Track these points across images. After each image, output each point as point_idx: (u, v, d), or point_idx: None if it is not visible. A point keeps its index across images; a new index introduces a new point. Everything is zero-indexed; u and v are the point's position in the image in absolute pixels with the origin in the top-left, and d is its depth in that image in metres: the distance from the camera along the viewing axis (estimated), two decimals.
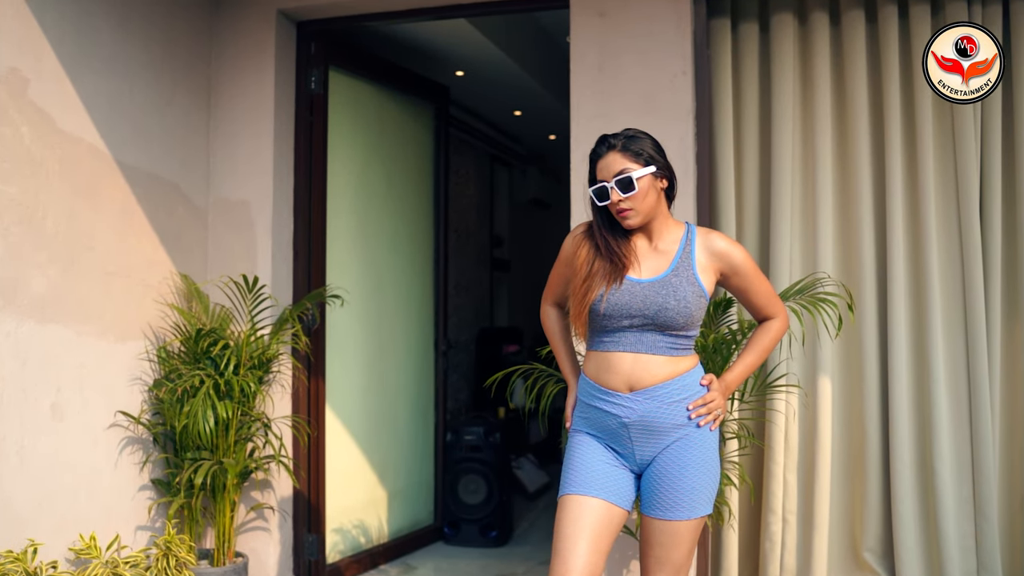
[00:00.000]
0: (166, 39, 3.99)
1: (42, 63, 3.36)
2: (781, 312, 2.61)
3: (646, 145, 2.50)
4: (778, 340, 2.62)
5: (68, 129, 3.47)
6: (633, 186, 2.45)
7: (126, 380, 3.75)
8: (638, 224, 2.50)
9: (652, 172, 2.48)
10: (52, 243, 3.40)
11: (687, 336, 2.50)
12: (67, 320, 3.46)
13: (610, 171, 2.48)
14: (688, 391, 2.51)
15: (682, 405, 2.49)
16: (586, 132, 3.82)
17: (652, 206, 2.49)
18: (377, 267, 4.86)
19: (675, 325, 2.45)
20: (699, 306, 2.48)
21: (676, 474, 2.47)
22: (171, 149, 4.03)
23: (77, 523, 3.48)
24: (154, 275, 3.91)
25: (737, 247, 2.54)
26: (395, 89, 4.96)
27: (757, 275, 2.57)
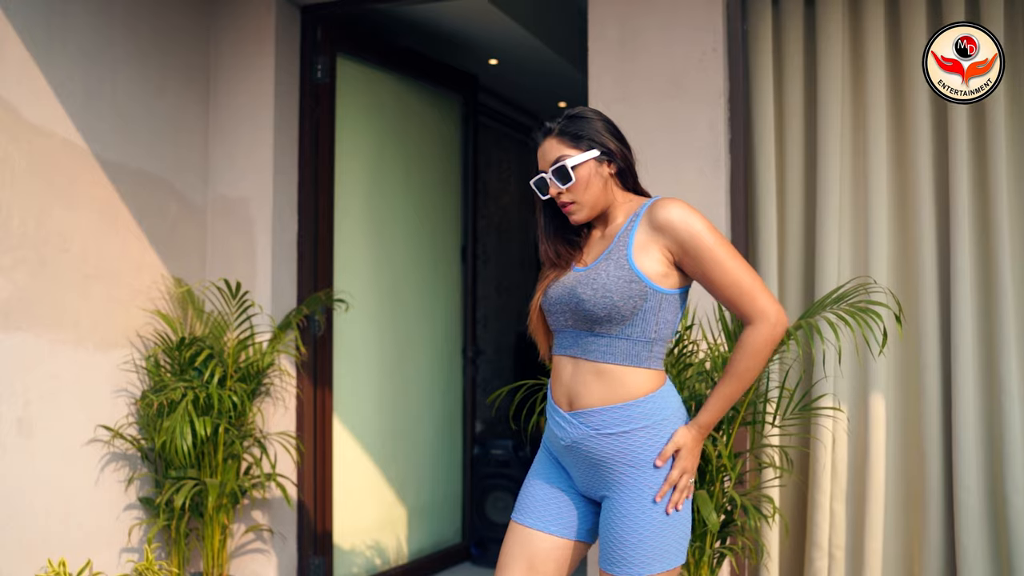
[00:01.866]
0: (156, 24, 3.72)
1: (5, 50, 3.11)
2: (763, 314, 1.99)
3: (588, 126, 2.13)
4: (764, 355, 2.01)
5: (37, 122, 3.21)
6: (570, 176, 2.09)
7: (109, 392, 3.48)
8: (585, 218, 2.14)
9: (594, 157, 2.11)
10: (18, 244, 3.14)
11: (627, 339, 2.04)
12: (36, 327, 3.20)
13: (547, 160, 2.14)
14: (637, 423, 2.04)
15: (627, 440, 2.04)
16: None
17: (598, 196, 2.12)
18: (395, 270, 4.53)
19: (596, 319, 2.03)
20: (626, 294, 2.00)
21: (620, 524, 2.05)
22: (162, 143, 3.75)
23: (49, 547, 3.22)
24: (142, 279, 3.64)
25: (685, 216, 2.00)
26: (415, 78, 4.62)
27: (718, 257, 1.99)
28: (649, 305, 2.03)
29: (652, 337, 2.06)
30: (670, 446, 2.05)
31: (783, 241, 3.43)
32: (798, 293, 3.42)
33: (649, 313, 2.04)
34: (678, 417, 2.10)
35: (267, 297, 3.87)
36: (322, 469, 4.05)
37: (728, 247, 2.01)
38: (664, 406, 2.08)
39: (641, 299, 2.02)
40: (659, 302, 2.05)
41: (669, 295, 2.06)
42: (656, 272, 2.03)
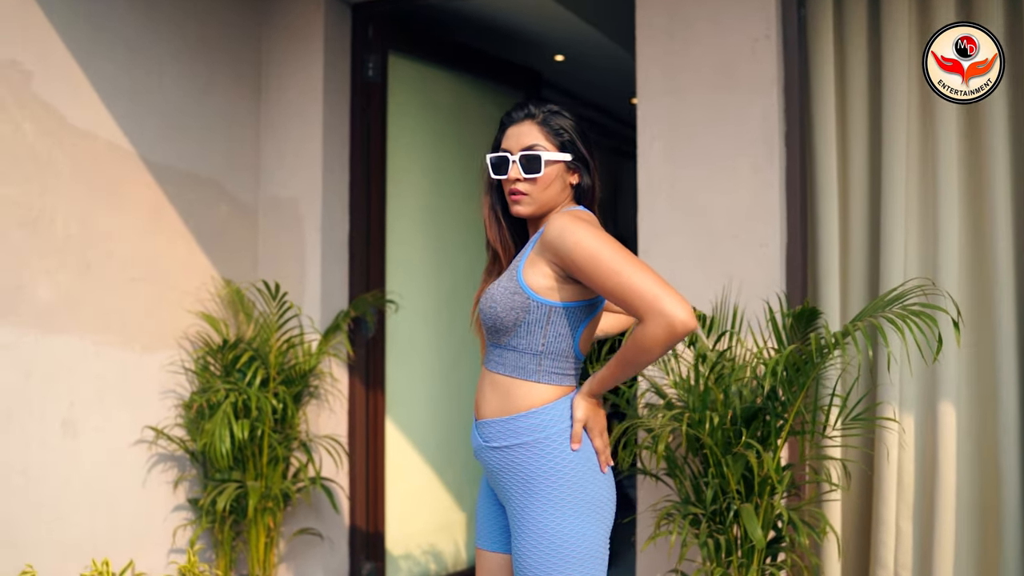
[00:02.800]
0: (204, 22, 3.72)
1: (49, 54, 3.13)
2: (657, 313, 1.83)
3: (569, 127, 2.06)
4: (653, 353, 1.88)
5: (81, 125, 3.23)
6: (539, 168, 2.02)
7: (156, 393, 3.49)
8: (527, 215, 2.06)
9: (566, 161, 2.05)
10: (62, 247, 3.17)
11: (514, 351, 2.00)
12: (81, 330, 3.22)
13: (519, 142, 2.05)
14: (519, 437, 1.98)
15: (512, 455, 1.99)
16: (654, 111, 3.28)
17: (551, 200, 2.06)
18: (454, 272, 4.45)
19: (488, 328, 2.03)
20: (508, 305, 1.97)
21: (514, 544, 1.99)
22: (211, 143, 3.75)
23: (95, 547, 3.24)
24: (190, 280, 3.64)
25: (560, 230, 1.93)
26: (473, 75, 4.54)
27: (600, 264, 1.88)
28: (533, 317, 1.98)
29: (540, 350, 1.99)
30: (577, 425, 1.99)
31: (846, 239, 3.22)
32: (861, 294, 3.21)
33: (534, 325, 1.98)
34: (567, 436, 2.00)
35: (316, 298, 3.83)
36: (374, 472, 4.00)
37: (614, 252, 1.89)
38: (550, 422, 1.98)
39: (523, 311, 1.97)
40: (545, 315, 1.98)
41: (559, 308, 1.98)
42: (542, 285, 1.97)
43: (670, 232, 3.25)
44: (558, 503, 1.95)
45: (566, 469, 1.97)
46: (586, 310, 2.03)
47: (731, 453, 2.66)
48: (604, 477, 2.03)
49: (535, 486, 1.96)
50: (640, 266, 1.88)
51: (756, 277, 3.08)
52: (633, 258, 1.90)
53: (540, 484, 1.96)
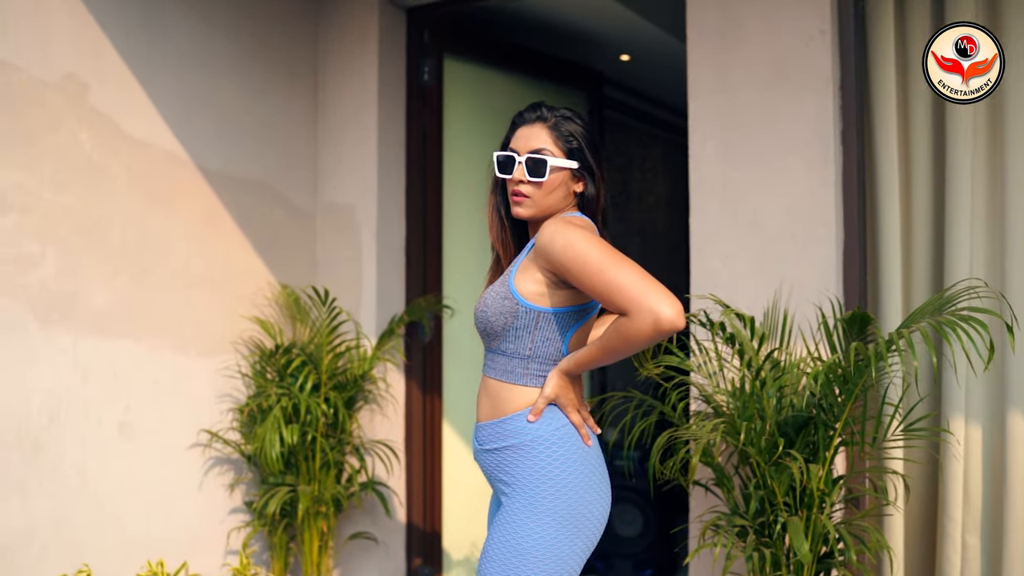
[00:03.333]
0: (259, 30, 3.76)
1: (103, 65, 3.21)
2: (637, 308, 1.81)
3: (580, 136, 2.06)
4: (634, 345, 1.86)
5: (136, 134, 3.30)
6: (544, 173, 2.01)
7: (212, 397, 3.54)
8: (526, 217, 2.06)
9: (572, 168, 2.05)
10: (118, 254, 3.24)
11: (503, 354, 2.02)
12: (137, 334, 3.29)
13: (527, 144, 2.05)
14: (507, 440, 1.99)
15: (501, 457, 2.01)
16: (706, 110, 3.20)
17: (552, 205, 2.05)
18: None
19: (480, 331, 2.07)
20: (498, 309, 1.99)
21: (486, 540, 2.02)
22: (267, 150, 3.80)
23: (151, 548, 3.30)
24: (246, 285, 3.69)
25: (550, 235, 1.92)
26: (531, 77, 4.50)
27: (588, 264, 1.87)
28: (521, 323, 1.98)
29: (528, 355, 2.00)
30: (541, 401, 1.99)
31: (908, 240, 3.08)
32: (925, 298, 3.06)
33: (522, 330, 1.99)
34: (556, 439, 1.99)
35: (372, 303, 3.84)
36: (431, 477, 3.99)
37: (602, 252, 1.88)
38: (540, 423, 1.99)
39: (511, 316, 1.98)
40: (533, 320, 1.98)
41: (548, 313, 1.99)
42: (531, 291, 1.98)
43: (723, 234, 3.16)
44: (534, 508, 1.94)
45: (550, 475, 1.96)
46: (576, 315, 2.03)
47: (775, 464, 2.56)
48: (592, 491, 1.99)
49: (517, 488, 1.97)
50: (628, 265, 1.87)
51: (810, 280, 2.97)
52: (622, 258, 1.89)
53: (522, 486, 1.96)
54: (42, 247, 3.02)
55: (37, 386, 3.01)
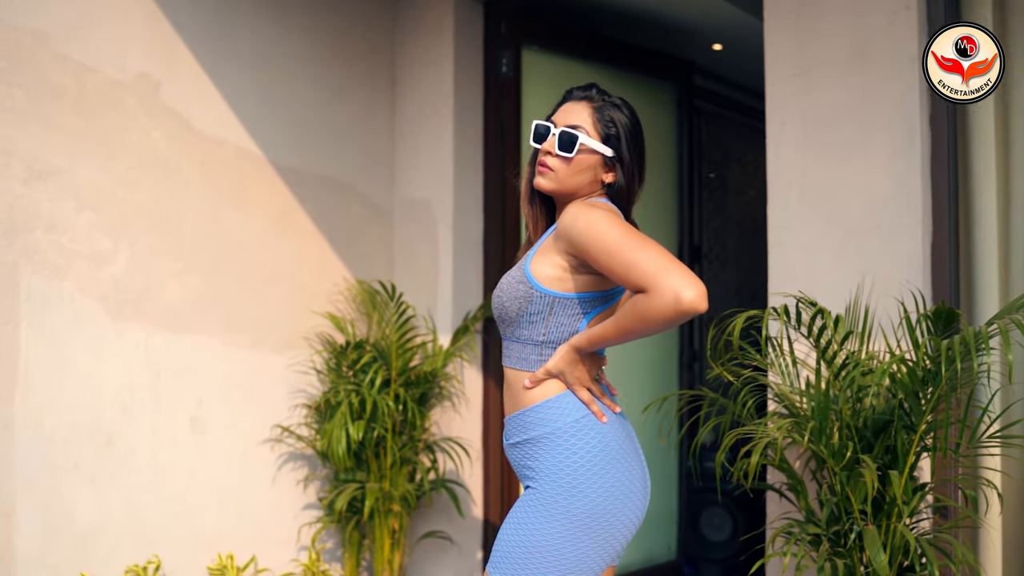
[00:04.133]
0: (336, 27, 3.76)
1: (177, 65, 3.25)
2: (656, 286, 1.70)
3: (622, 125, 1.98)
4: (650, 325, 1.73)
5: (209, 131, 3.33)
6: (572, 148, 1.94)
7: (286, 393, 3.55)
8: (546, 189, 1.97)
9: (603, 155, 1.96)
10: (191, 250, 3.27)
11: (517, 341, 1.94)
12: (210, 330, 3.32)
13: (566, 118, 1.98)
14: (529, 432, 1.91)
15: (525, 451, 1.92)
16: (783, 94, 3.03)
17: (576, 186, 1.97)
18: None
19: (499, 320, 1.98)
20: (513, 294, 1.91)
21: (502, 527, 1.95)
22: (343, 146, 3.79)
23: (221, 541, 3.33)
24: (322, 282, 3.69)
25: (572, 216, 1.84)
26: (616, 67, 4.37)
27: (607, 244, 1.77)
28: (535, 308, 1.91)
29: (541, 340, 1.92)
30: (542, 371, 1.91)
31: (1007, 231, 2.84)
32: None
33: (536, 316, 1.91)
34: (579, 428, 1.89)
35: (448, 299, 3.79)
36: (508, 476, 3.91)
37: (623, 232, 1.78)
38: (558, 415, 1.89)
39: (525, 300, 1.90)
40: (548, 305, 1.90)
41: (564, 298, 1.90)
42: (547, 275, 1.90)
43: (802, 224, 2.98)
44: (547, 504, 1.86)
45: (566, 470, 1.87)
46: (595, 302, 1.93)
47: (849, 469, 2.38)
48: (616, 489, 1.88)
49: (536, 482, 1.90)
50: (650, 244, 1.76)
51: (893, 273, 2.77)
52: (644, 237, 1.79)
53: (539, 481, 1.89)
54: (115, 243, 3.07)
55: (109, 380, 3.06)
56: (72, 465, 2.97)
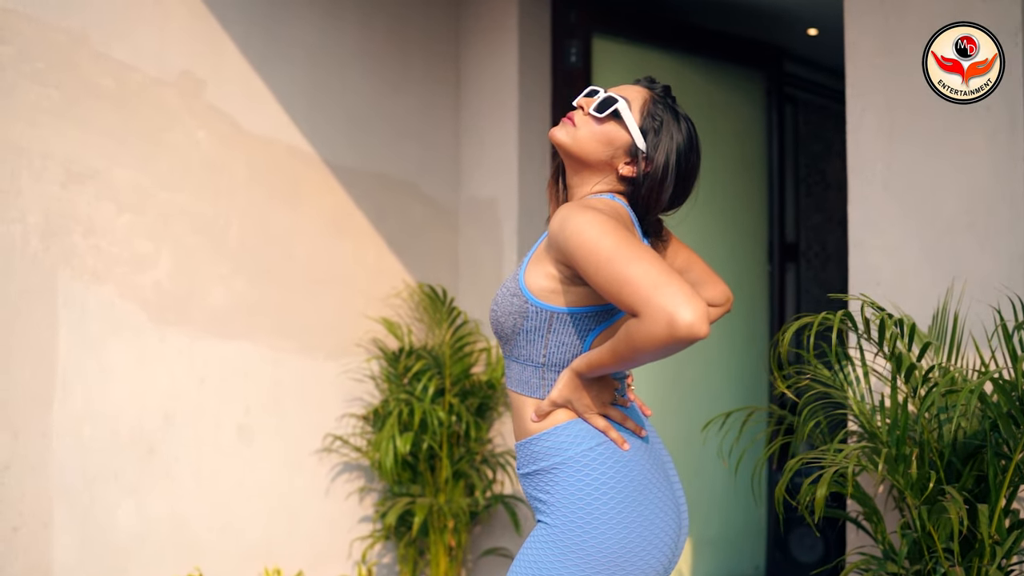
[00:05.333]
0: (394, 20, 3.61)
1: (223, 62, 3.15)
2: (648, 307, 1.45)
3: (669, 131, 1.75)
4: (643, 353, 1.48)
5: (257, 130, 3.22)
6: (604, 110, 1.73)
7: (340, 400, 3.41)
8: (559, 141, 1.75)
9: (635, 143, 1.72)
10: (237, 253, 3.17)
11: (517, 361, 1.71)
12: (257, 335, 3.21)
13: (619, 90, 1.79)
14: (537, 463, 1.68)
15: (536, 483, 1.69)
16: (865, 77, 2.72)
17: (588, 155, 1.74)
18: None
19: (497, 336, 1.74)
20: (508, 309, 1.67)
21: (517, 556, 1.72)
22: (401, 143, 3.63)
23: (271, 554, 3.21)
24: (380, 285, 3.54)
25: (563, 218, 1.59)
26: (696, 55, 4.09)
27: (599, 253, 1.52)
28: (531, 324, 1.66)
29: (542, 362, 1.68)
30: (547, 403, 1.68)
31: None
32: None
33: (534, 333, 1.67)
34: (594, 457, 1.65)
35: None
36: None
37: (617, 242, 1.52)
38: (570, 443, 1.65)
39: (521, 316, 1.66)
40: (546, 322, 1.65)
41: (562, 314, 1.65)
42: (542, 287, 1.65)
43: (886, 221, 2.67)
44: (559, 541, 1.62)
45: (582, 503, 1.62)
46: (599, 317, 1.66)
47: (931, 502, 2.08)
48: (640, 526, 1.63)
49: (547, 515, 1.66)
50: (646, 257, 1.49)
51: (990, 276, 2.43)
52: (641, 248, 1.51)
53: (551, 514, 1.65)
54: (156, 247, 2.99)
55: (151, 388, 2.98)
56: (112, 474, 2.89)
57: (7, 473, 2.69)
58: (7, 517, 2.69)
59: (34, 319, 2.74)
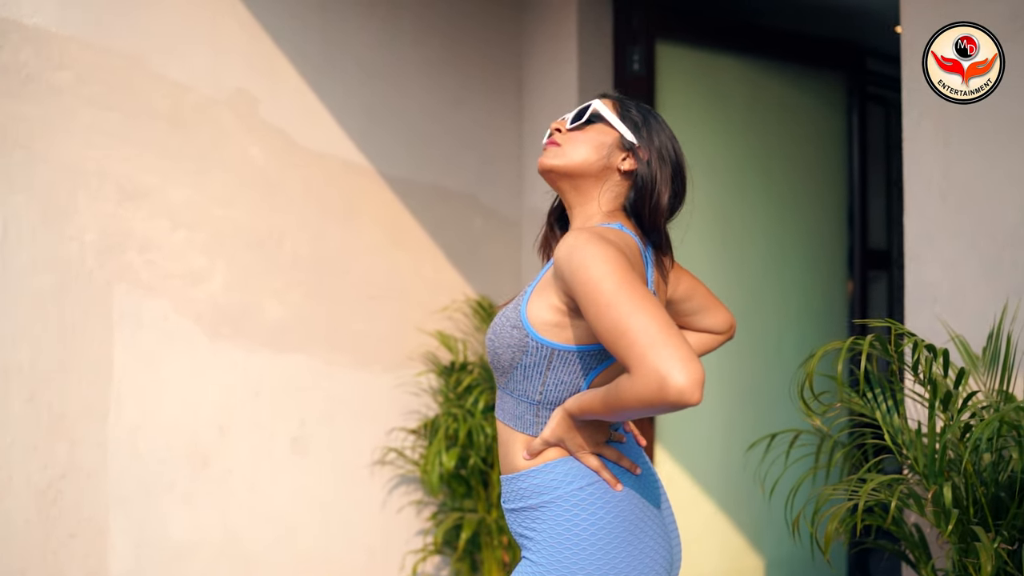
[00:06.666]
0: (450, 30, 3.60)
1: (276, 79, 3.20)
2: (640, 366, 1.37)
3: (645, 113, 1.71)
4: (626, 406, 1.41)
5: (312, 146, 3.26)
6: (584, 118, 1.69)
7: (398, 413, 3.42)
8: (551, 167, 1.69)
9: (623, 133, 1.68)
10: (291, 267, 3.21)
11: (511, 395, 1.64)
12: (311, 348, 3.25)
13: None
14: (524, 500, 1.63)
15: (517, 518, 1.65)
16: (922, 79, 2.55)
17: (586, 165, 1.67)
18: (748, 281, 3.91)
19: (492, 366, 1.68)
20: (506, 341, 1.60)
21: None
22: (461, 155, 3.63)
23: (326, 567, 3.25)
24: (438, 298, 3.54)
25: (570, 248, 1.50)
26: (771, 58, 3.95)
27: (600, 295, 1.44)
28: (530, 360, 1.58)
29: (538, 400, 1.61)
30: (539, 442, 1.62)
31: None
32: None
33: (531, 369, 1.59)
34: (586, 496, 1.59)
35: None
36: None
37: (621, 285, 1.44)
38: (560, 482, 1.60)
39: (520, 350, 1.58)
40: (545, 358, 1.57)
41: (563, 351, 1.57)
42: (544, 321, 1.57)
43: (944, 234, 2.51)
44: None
45: (570, 543, 1.56)
46: (600, 355, 1.58)
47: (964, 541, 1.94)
48: (623, 566, 1.56)
49: (533, 552, 1.61)
50: (648, 308, 1.41)
51: None
52: (642, 297, 1.43)
53: (537, 551, 1.60)
54: (211, 261, 3.06)
55: (205, 400, 3.04)
56: (167, 485, 2.97)
57: (64, 481, 2.80)
58: (65, 524, 2.80)
59: (90, 333, 2.84)
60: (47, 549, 2.76)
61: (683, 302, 1.90)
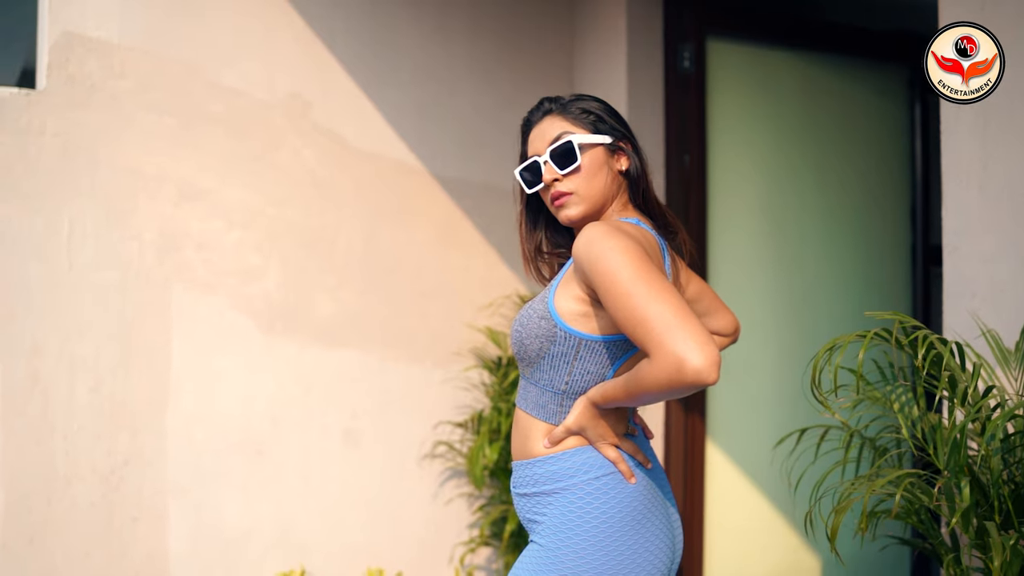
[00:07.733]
0: (502, 29, 3.66)
1: (330, 84, 3.30)
2: (658, 349, 1.45)
3: (595, 108, 1.77)
4: (654, 392, 1.49)
5: (364, 147, 3.36)
6: (575, 157, 1.72)
7: (449, 408, 3.50)
8: (579, 216, 1.74)
9: (605, 143, 1.75)
10: (343, 265, 3.32)
11: (536, 385, 1.70)
12: (364, 344, 3.34)
13: (544, 141, 1.77)
14: (540, 485, 1.68)
15: (528, 503, 1.70)
16: None
17: (602, 192, 1.75)
18: (799, 278, 3.86)
19: (518, 358, 1.74)
20: (535, 332, 1.66)
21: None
22: (514, 156, 3.65)
23: (376, 557, 3.34)
24: (490, 295, 3.60)
25: (588, 239, 1.58)
26: (828, 53, 3.90)
27: (618, 284, 1.51)
28: (558, 350, 1.66)
29: (563, 389, 1.68)
30: (561, 430, 1.67)
31: None
32: None
33: (559, 359, 1.66)
34: (600, 487, 1.64)
35: None
36: (690, 507, 3.61)
37: (638, 273, 1.52)
38: (576, 470, 1.66)
39: (548, 340, 1.66)
40: (573, 347, 1.65)
41: (590, 341, 1.65)
42: (571, 311, 1.65)
43: (984, 227, 2.45)
44: (552, 564, 1.63)
45: (580, 529, 1.62)
46: (625, 345, 1.65)
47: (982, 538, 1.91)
48: (636, 556, 1.62)
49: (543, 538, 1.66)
50: (665, 294, 1.48)
51: None
52: (662, 285, 1.50)
53: (546, 535, 1.65)
54: (265, 260, 3.18)
55: (260, 393, 3.17)
56: (222, 474, 3.10)
57: (127, 468, 2.95)
58: (127, 508, 2.95)
59: (150, 328, 2.99)
60: (111, 531, 2.92)
61: (692, 304, 1.94)
